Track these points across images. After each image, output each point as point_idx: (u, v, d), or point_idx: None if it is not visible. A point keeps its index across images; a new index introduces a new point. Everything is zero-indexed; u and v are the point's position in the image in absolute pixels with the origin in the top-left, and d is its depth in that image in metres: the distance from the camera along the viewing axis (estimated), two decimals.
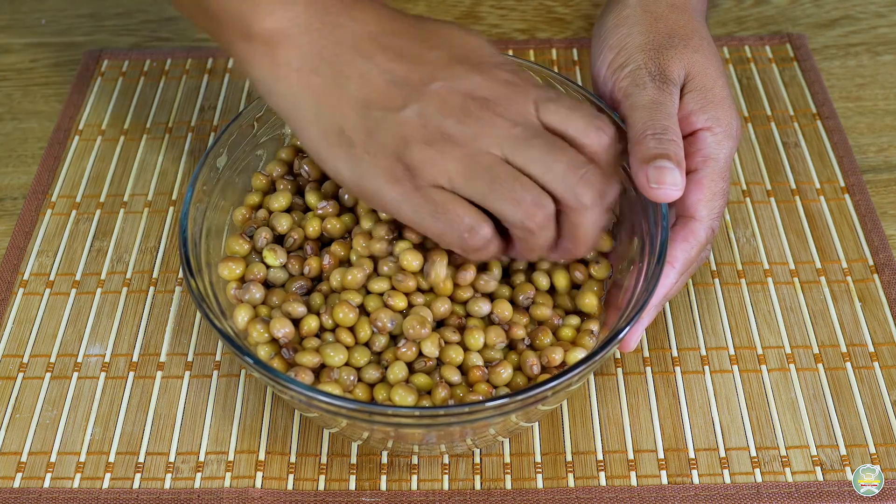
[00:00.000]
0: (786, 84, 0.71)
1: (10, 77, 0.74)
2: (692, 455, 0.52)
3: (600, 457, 0.52)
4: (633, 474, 0.51)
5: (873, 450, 0.52)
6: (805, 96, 0.70)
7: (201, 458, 0.52)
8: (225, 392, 0.55)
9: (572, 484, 0.51)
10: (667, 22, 0.56)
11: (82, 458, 0.52)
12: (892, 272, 0.59)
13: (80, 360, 0.57)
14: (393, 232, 0.51)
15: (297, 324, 0.49)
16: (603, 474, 0.51)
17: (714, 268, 0.60)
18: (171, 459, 0.52)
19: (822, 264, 0.60)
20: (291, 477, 0.52)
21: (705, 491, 0.51)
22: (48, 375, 0.56)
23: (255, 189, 0.56)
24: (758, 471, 0.51)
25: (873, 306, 0.58)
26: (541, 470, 0.52)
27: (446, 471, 0.52)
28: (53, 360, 0.57)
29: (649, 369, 0.55)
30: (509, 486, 0.51)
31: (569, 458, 0.52)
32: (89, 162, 0.67)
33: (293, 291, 0.51)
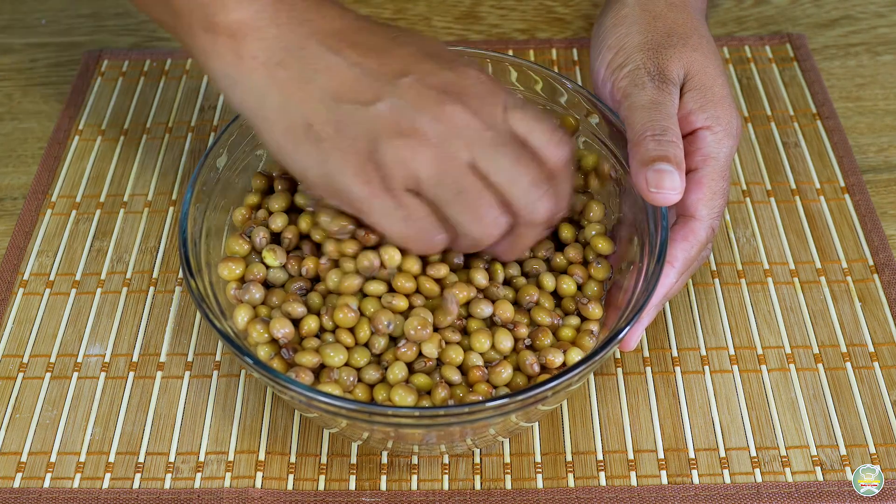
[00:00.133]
0: (786, 84, 0.71)
1: (10, 77, 0.74)
2: (692, 455, 0.52)
3: (600, 457, 0.52)
4: (633, 474, 0.51)
5: (873, 450, 0.52)
6: (805, 96, 0.70)
7: (201, 458, 0.52)
8: (225, 392, 0.55)
9: (572, 484, 0.51)
10: (665, 21, 0.56)
11: (82, 458, 0.52)
12: (892, 272, 0.59)
13: (80, 360, 0.57)
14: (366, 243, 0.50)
15: (296, 324, 0.49)
16: (603, 474, 0.51)
17: (714, 268, 0.60)
18: (171, 459, 0.52)
19: (822, 264, 0.60)
20: (291, 477, 0.52)
21: (705, 491, 0.51)
22: (48, 375, 0.56)
23: (255, 189, 0.56)
24: (758, 471, 0.51)
25: (873, 306, 0.58)
26: (541, 470, 0.52)
27: (446, 471, 0.52)
28: (53, 360, 0.57)
29: (649, 369, 0.55)
30: (509, 486, 0.51)
31: (569, 458, 0.52)
32: (89, 162, 0.67)
33: (293, 292, 0.51)
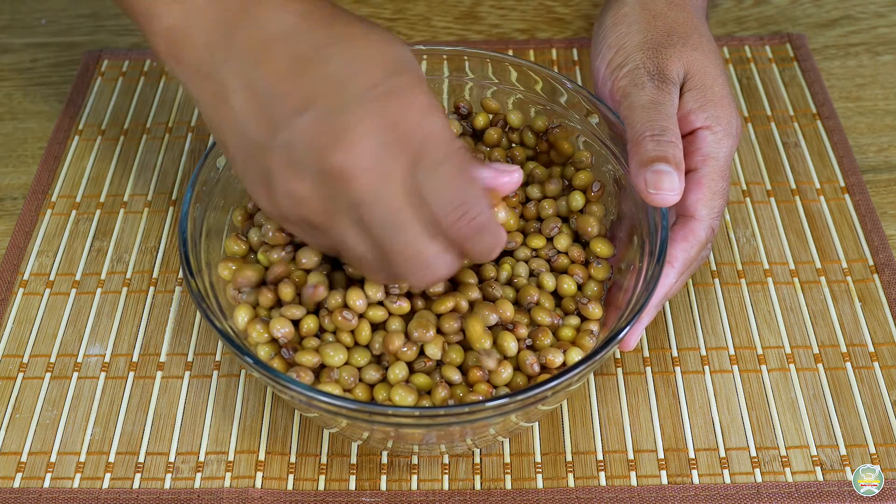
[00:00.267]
0: (786, 84, 0.71)
1: (10, 77, 0.74)
2: (692, 455, 0.52)
3: (600, 457, 0.52)
4: (633, 474, 0.51)
5: (873, 450, 0.52)
6: (805, 96, 0.70)
7: (201, 458, 0.52)
8: (225, 392, 0.55)
9: (572, 484, 0.51)
10: (665, 20, 0.56)
11: (82, 458, 0.52)
12: (892, 272, 0.59)
13: (80, 360, 0.57)
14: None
15: (296, 324, 0.49)
16: (603, 474, 0.51)
17: (714, 268, 0.60)
18: (171, 459, 0.52)
19: (822, 264, 0.60)
20: (291, 477, 0.52)
21: (705, 491, 0.51)
22: (48, 375, 0.56)
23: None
24: (758, 471, 0.51)
25: (873, 306, 0.58)
26: (541, 470, 0.52)
27: (446, 471, 0.52)
28: (53, 360, 0.57)
29: (649, 369, 0.55)
30: (509, 486, 0.51)
31: (569, 458, 0.52)
32: (89, 162, 0.67)
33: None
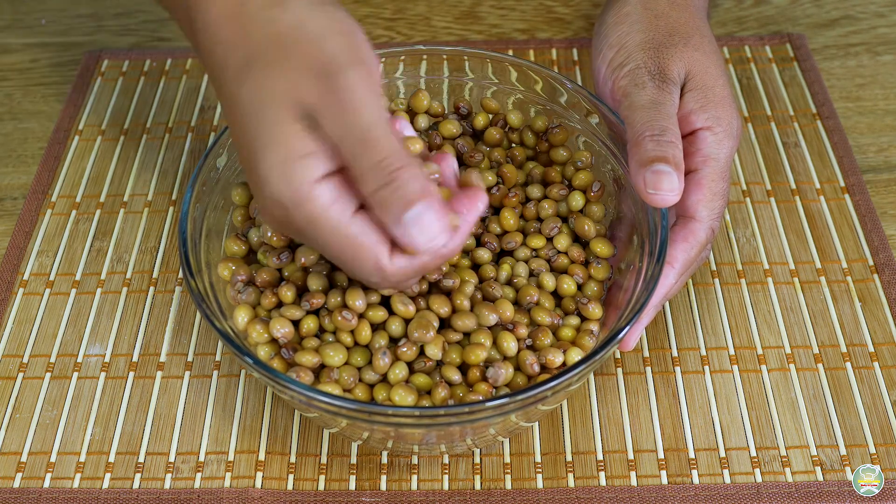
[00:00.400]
0: (786, 84, 0.71)
1: (10, 77, 0.74)
2: (692, 455, 0.52)
3: (600, 457, 0.52)
4: (633, 474, 0.51)
5: (873, 450, 0.52)
6: (805, 96, 0.70)
7: (201, 458, 0.52)
8: (225, 392, 0.55)
9: (572, 484, 0.51)
10: (667, 20, 0.56)
11: (82, 458, 0.52)
12: (892, 272, 0.59)
13: (80, 360, 0.57)
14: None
15: (296, 324, 0.49)
16: (603, 474, 0.51)
17: (714, 268, 0.60)
18: (171, 459, 0.52)
19: (822, 264, 0.60)
20: (291, 477, 0.52)
21: (705, 491, 0.51)
22: (48, 375, 0.56)
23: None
24: (758, 471, 0.51)
25: (873, 306, 0.58)
26: (541, 470, 0.52)
27: (446, 471, 0.52)
28: (53, 360, 0.57)
29: (649, 369, 0.55)
30: (509, 486, 0.51)
31: (569, 458, 0.52)
32: (89, 162, 0.67)
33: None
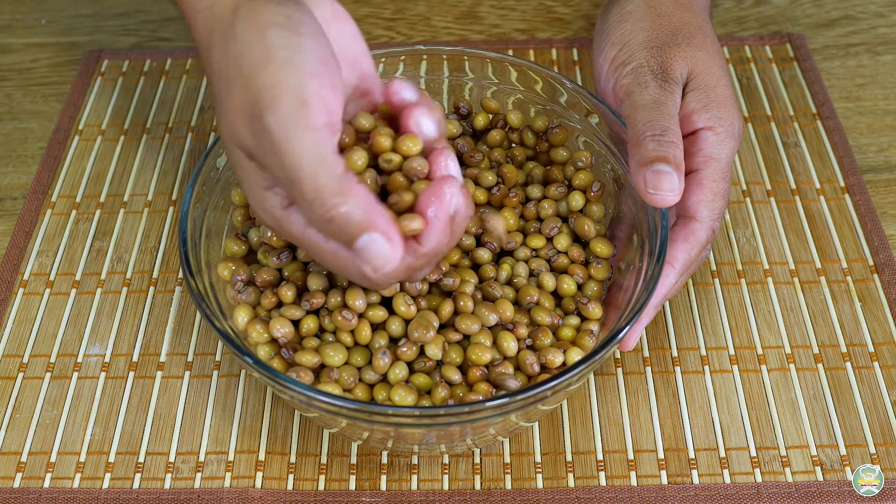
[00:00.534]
0: (786, 84, 0.71)
1: (10, 77, 0.74)
2: (692, 455, 0.52)
3: (600, 457, 0.52)
4: (633, 474, 0.51)
5: (873, 450, 0.52)
6: (805, 96, 0.70)
7: (201, 458, 0.52)
8: (225, 392, 0.55)
9: (572, 484, 0.51)
10: (671, 19, 0.56)
11: (82, 458, 0.52)
12: (892, 272, 0.59)
13: (80, 360, 0.57)
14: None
15: (296, 324, 0.49)
16: (603, 474, 0.51)
17: (714, 268, 0.60)
18: (171, 459, 0.52)
19: (822, 264, 0.60)
20: (291, 477, 0.52)
21: (705, 491, 0.51)
22: (48, 375, 0.56)
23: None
24: (758, 471, 0.51)
25: (873, 306, 0.58)
26: (541, 470, 0.52)
27: (446, 471, 0.52)
28: (53, 360, 0.57)
29: (649, 369, 0.55)
30: (509, 486, 0.51)
31: (569, 458, 0.52)
32: (89, 162, 0.67)
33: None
